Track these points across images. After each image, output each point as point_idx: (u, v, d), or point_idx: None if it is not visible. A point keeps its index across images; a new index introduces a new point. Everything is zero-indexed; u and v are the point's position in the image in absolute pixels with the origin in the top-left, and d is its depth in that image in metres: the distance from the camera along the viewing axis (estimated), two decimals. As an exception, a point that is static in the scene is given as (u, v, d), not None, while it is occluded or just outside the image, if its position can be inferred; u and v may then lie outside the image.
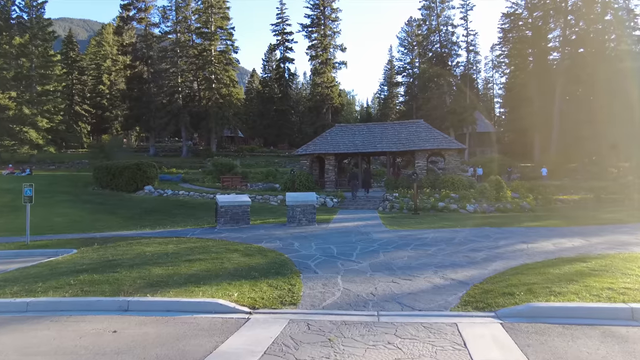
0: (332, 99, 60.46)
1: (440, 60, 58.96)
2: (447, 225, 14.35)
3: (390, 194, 22.18)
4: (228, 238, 11.82)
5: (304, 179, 25.19)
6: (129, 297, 5.88)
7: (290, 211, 14.24)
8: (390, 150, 25.53)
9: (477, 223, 15.14)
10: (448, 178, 23.76)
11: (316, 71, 61.99)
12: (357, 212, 19.41)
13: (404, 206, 20.14)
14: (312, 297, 6.16)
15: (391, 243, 10.68)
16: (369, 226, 14.17)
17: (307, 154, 26.80)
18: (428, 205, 20.02)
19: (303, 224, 14.18)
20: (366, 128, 27.69)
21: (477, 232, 12.73)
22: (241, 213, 13.97)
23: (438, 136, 25.73)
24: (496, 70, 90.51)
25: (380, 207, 20.49)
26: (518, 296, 5.69)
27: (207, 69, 56.48)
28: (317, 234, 12.47)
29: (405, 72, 75.41)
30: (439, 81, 60.49)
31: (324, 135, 27.86)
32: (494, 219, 16.53)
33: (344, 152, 26.25)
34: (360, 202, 21.61)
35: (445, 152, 25.21)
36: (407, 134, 26.21)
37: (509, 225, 14.35)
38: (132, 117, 58.33)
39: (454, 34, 57.70)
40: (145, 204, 23.87)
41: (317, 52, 61.60)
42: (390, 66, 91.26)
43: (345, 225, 14.43)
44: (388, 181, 25.15)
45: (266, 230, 13.32)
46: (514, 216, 18.00)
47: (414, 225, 14.60)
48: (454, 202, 20.73)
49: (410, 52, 76.59)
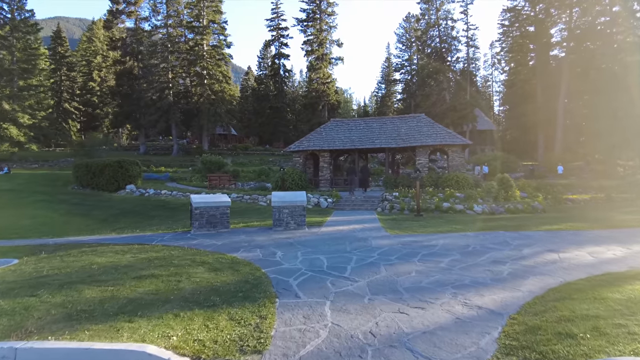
0: (328, 96, 58.68)
1: (440, 55, 57.25)
2: (455, 229, 12.59)
3: (390, 193, 20.41)
4: (199, 245, 9.99)
5: (297, 178, 23.39)
6: (19, 343, 4.06)
7: (277, 213, 12.44)
8: (389, 146, 23.75)
9: (489, 226, 13.38)
10: (452, 176, 22.01)
11: (312, 67, 60.18)
12: (354, 213, 17.63)
13: (405, 207, 18.37)
14: (286, 338, 4.36)
15: (394, 252, 8.89)
16: (367, 230, 12.38)
17: (300, 151, 24.97)
18: (431, 206, 18.25)
19: (291, 228, 12.38)
20: (363, 123, 25.89)
21: (492, 237, 10.96)
22: (219, 215, 12.15)
23: (441, 131, 23.96)
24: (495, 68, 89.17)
25: (379, 207, 18.71)
26: (584, 342, 3.89)
27: (199, 64, 54.60)
28: (306, 240, 10.67)
29: (403, 69, 73.75)
30: (438, 77, 58.78)
31: (319, 131, 26.04)
32: (506, 221, 14.78)
33: (339, 149, 24.45)
34: (357, 202, 19.83)
35: (449, 149, 23.44)
36: (408, 129, 24.43)
37: (526, 229, 12.60)
38: (122, 114, 56.31)
39: (453, 28, 56.01)
40: (124, 204, 22.03)
41: (313, 47, 59.80)
42: (387, 64, 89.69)
43: (340, 230, 12.63)
44: (387, 179, 23.37)
45: (247, 235, 11.50)
46: (526, 218, 16.26)
47: (418, 229, 12.83)
48: (460, 202, 18.98)
49: (409, 49, 74.95)
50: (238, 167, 42.77)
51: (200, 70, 54.83)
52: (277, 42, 70.02)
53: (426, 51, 58.97)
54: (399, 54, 76.23)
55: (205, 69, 54.64)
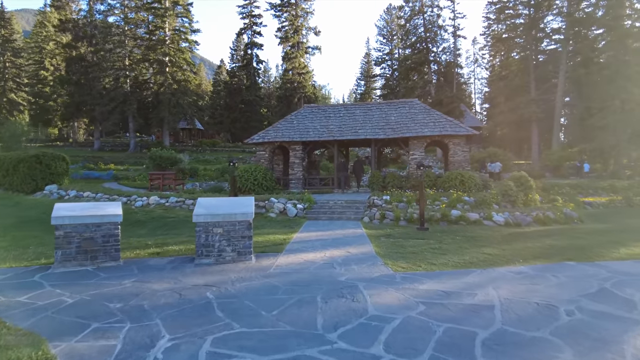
0: (304, 88, 53.74)
1: (425, 45, 53.10)
2: (491, 258, 7.91)
3: (379, 197, 15.68)
4: (15, 308, 4.92)
5: (261, 177, 18.42)
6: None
7: (203, 234, 7.47)
8: (376, 138, 19.00)
9: (537, 250, 8.76)
10: (455, 175, 17.45)
11: (287, 56, 55.08)
12: (332, 225, 12.78)
13: (400, 216, 13.65)
14: None
15: (416, 334, 4.05)
16: (354, 263, 7.53)
17: (265, 143, 19.94)
18: (436, 214, 13.59)
19: (226, 260, 7.45)
20: (344, 109, 21.05)
21: (571, 278, 6.32)
22: (101, 239, 7.08)
23: (439, 119, 19.38)
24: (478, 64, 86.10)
25: (366, 216, 13.92)
26: None
27: (160, 49, 48.73)
28: (240, 293, 5.73)
29: (384, 64, 69.66)
30: (422, 69, 54.63)
31: (289, 119, 21.07)
32: (550, 239, 10.23)
33: (314, 140, 19.55)
34: (336, 208, 15.00)
35: (450, 141, 18.86)
36: (399, 117, 19.77)
37: (599, 256, 8.08)
38: (72, 105, 49.84)
39: (439, 16, 51.78)
40: (28, 212, 16.54)
41: (288, 35, 54.70)
42: (367, 59, 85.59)
43: (309, 261, 7.73)
44: (374, 179, 18.63)
45: (141, 277, 6.48)
46: (568, 231, 11.80)
47: (432, 257, 8.07)
48: (472, 209, 14.40)
49: (390, 42, 70.98)
50: (200, 164, 37.51)
51: (161, 57, 48.97)
52: (250, 31, 64.61)
53: (410, 40, 54.68)
54: (379, 47, 72.17)
55: (167, 55, 48.84)
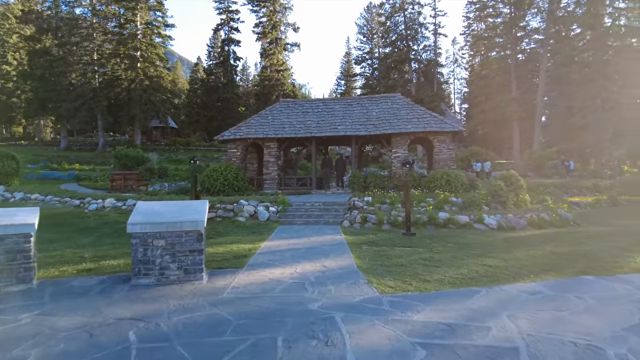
0: (283, 85, 52.16)
1: (405, 43, 52.35)
2: (492, 270, 6.64)
3: (360, 198, 14.34)
4: None
5: (231, 177, 16.84)
6: None
7: (140, 249, 5.94)
8: (357, 134, 17.68)
9: (541, 259, 7.55)
10: (441, 174, 16.27)
11: (265, 52, 53.39)
12: (307, 230, 11.36)
13: (383, 219, 12.33)
14: None
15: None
16: (330, 281, 6.11)
17: (237, 140, 18.35)
18: (422, 217, 12.33)
19: (170, 280, 5.95)
20: (323, 104, 19.66)
21: (603, 301, 5.08)
22: (4, 256, 5.45)
23: (424, 115, 18.21)
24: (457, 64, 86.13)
25: (346, 220, 12.56)
26: None
27: (130, 44, 46.35)
28: (171, 335, 4.24)
29: (364, 63, 68.76)
30: (402, 67, 53.93)
31: (263, 114, 19.54)
32: (551, 245, 9.07)
33: (290, 137, 18.09)
34: (313, 211, 13.59)
35: (435, 137, 17.70)
36: (380, 112, 18.50)
37: (615, 267, 6.91)
38: (36, 101, 46.92)
39: (420, 13, 51.17)
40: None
41: (266, 30, 53.02)
42: (347, 58, 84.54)
43: (272, 280, 6.27)
44: (355, 179, 17.29)
45: (50, 307, 4.90)
46: (567, 235, 10.72)
47: (424, 272, 6.74)
48: (460, 211, 13.22)
49: (370, 41, 70.10)
50: (172, 164, 35.56)
51: (133, 52, 46.59)
52: (227, 27, 62.59)
53: (390, 38, 53.83)
54: (359, 46, 71.25)
55: (139, 50, 46.52)
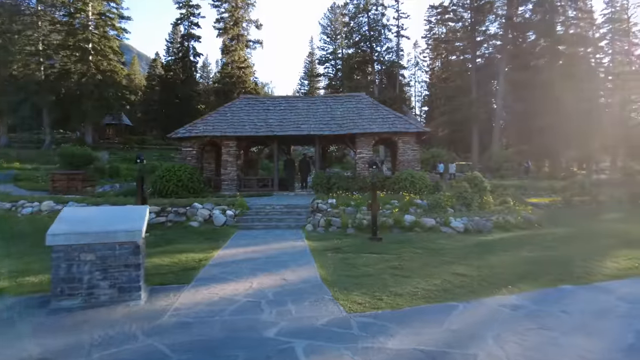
0: (245, 83, 50.71)
1: (369, 45, 52.41)
2: (471, 283, 6.11)
3: (324, 200, 13.67)
4: None
5: (186, 177, 15.67)
6: None
7: (63, 264, 4.95)
8: (321, 134, 17.01)
9: (521, 269, 7.11)
10: (405, 175, 15.89)
11: (226, 49, 51.75)
12: (268, 236, 10.54)
13: (347, 222, 11.71)
14: None
15: None
16: (290, 298, 5.34)
17: (192, 137, 17.18)
18: (388, 220, 11.82)
19: (100, 301, 5.00)
20: (285, 102, 18.83)
21: (589, 315, 4.65)
22: None
23: (389, 115, 17.83)
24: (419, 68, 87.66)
25: (310, 224, 11.82)
26: None
27: (81, 35, 43.42)
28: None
29: (328, 63, 68.37)
30: (366, 68, 54.02)
31: (222, 111, 18.46)
32: (526, 250, 8.74)
33: (251, 135, 17.14)
34: (274, 214, 12.77)
35: (400, 138, 17.34)
36: (345, 112, 17.94)
37: (595, 274, 6.61)
38: (-29, 95, 42.97)
39: (384, 15, 51.38)
40: None
41: (227, 26, 51.38)
42: (311, 59, 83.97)
43: (224, 298, 5.41)
44: (318, 180, 16.60)
45: None
46: (536, 238, 10.52)
47: (394, 282, 6.12)
48: (426, 213, 12.83)
49: (334, 42, 69.71)
50: (125, 163, 33.45)
51: (83, 44, 43.66)
52: (187, 22, 60.22)
53: (354, 39, 53.70)
54: (323, 46, 70.69)
55: (90, 42, 43.65)
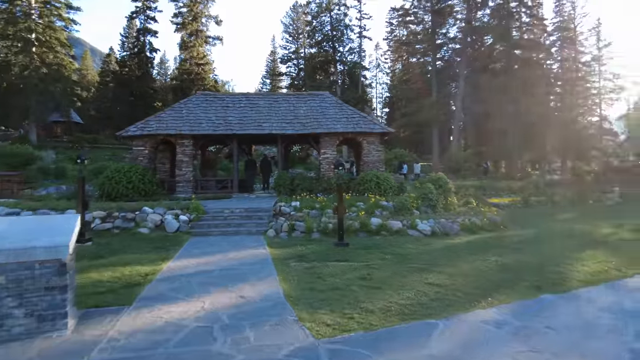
0: (204, 80, 49.01)
1: (331, 45, 52.17)
2: (446, 295, 5.65)
3: (287, 203, 12.98)
4: None
5: (137, 179, 14.46)
6: None
7: (-39, 290, 3.98)
8: (284, 133, 16.28)
9: (496, 276, 6.76)
10: (371, 177, 15.47)
11: (184, 44, 49.83)
12: (225, 242, 9.73)
13: (312, 227, 11.09)
14: None
15: None
16: (248, 322, 4.60)
17: (144, 136, 15.95)
18: (354, 224, 11.31)
19: (12, 335, 4.10)
20: (246, 99, 17.93)
21: (578, 331, 4.26)
22: None
23: (353, 115, 17.37)
24: (380, 70, 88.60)
25: (272, 229, 11.08)
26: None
27: (22, 24, 40.24)
28: None
29: (290, 62, 67.53)
30: (328, 68, 53.77)
31: (177, 108, 17.31)
32: (496, 254, 8.43)
33: (208, 134, 16.13)
34: (233, 219, 11.93)
35: (364, 139, 16.93)
36: (309, 111, 17.31)
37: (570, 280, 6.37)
38: None
39: (346, 15, 51.28)
40: None
41: (186, 21, 49.49)
42: (273, 58, 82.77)
43: (169, 323, 4.62)
44: (281, 181, 15.85)
45: None
46: (504, 241, 10.35)
47: (365, 295, 5.56)
48: (392, 216, 12.43)
49: (296, 41, 68.93)
50: (73, 163, 31.21)
51: (26, 34, 40.47)
52: (143, 15, 57.52)
53: (316, 39, 53.27)
54: (285, 45, 69.70)
55: (33, 32, 40.54)
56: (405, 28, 56.43)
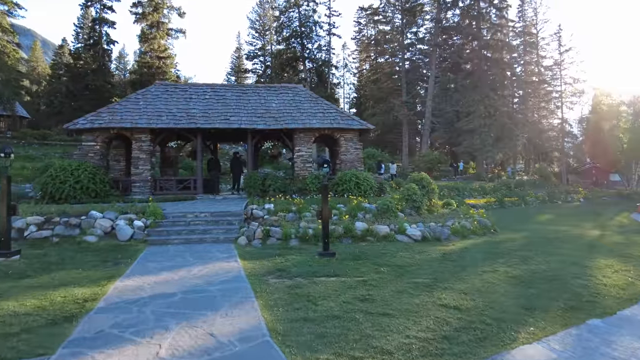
0: (165, 74, 46.37)
1: (299, 41, 50.84)
2: (473, 322, 4.48)
3: (259, 205, 11.59)
4: None
5: (86, 178, 12.60)
6: None
7: None
8: (254, 128, 14.83)
9: (518, 292, 5.70)
10: (350, 176, 14.32)
11: (144, 36, 46.99)
12: (188, 253, 8.24)
13: (290, 232, 9.77)
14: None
15: None
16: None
17: (95, 129, 14.03)
18: (338, 229, 10.09)
19: None
20: (211, 90, 16.29)
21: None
22: None
23: (329, 110, 16.17)
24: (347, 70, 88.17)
25: (243, 235, 9.65)
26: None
27: (-42, 7, 36.44)
28: None
29: (256, 59, 65.57)
30: (297, 65, 52.42)
31: (133, 99, 15.46)
32: (503, 264, 7.42)
33: (169, 128, 14.43)
34: (197, 224, 10.39)
35: (342, 136, 15.76)
36: (281, 104, 15.95)
37: (604, 297, 5.44)
38: None
39: (315, 11, 50.11)
40: None
41: (146, 12, 46.68)
42: (238, 54, 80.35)
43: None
44: (251, 181, 14.38)
45: None
46: (502, 246, 9.45)
47: (372, 328, 4.31)
48: (376, 219, 11.32)
49: (263, 37, 67.13)
50: (18, 161, 28.20)
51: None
52: (99, 4, 53.94)
53: (284, 35, 51.77)
54: (251, 41, 67.72)
55: (-29, 17, 36.79)
56: (374, 28, 56.09)
